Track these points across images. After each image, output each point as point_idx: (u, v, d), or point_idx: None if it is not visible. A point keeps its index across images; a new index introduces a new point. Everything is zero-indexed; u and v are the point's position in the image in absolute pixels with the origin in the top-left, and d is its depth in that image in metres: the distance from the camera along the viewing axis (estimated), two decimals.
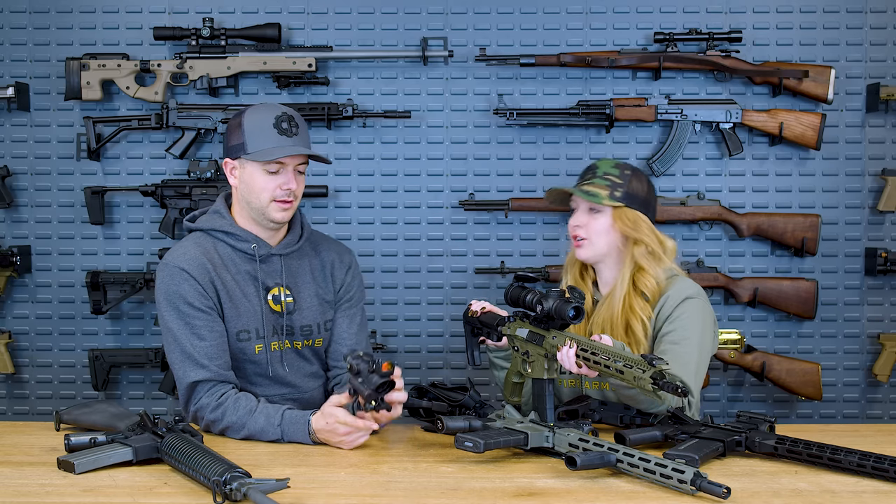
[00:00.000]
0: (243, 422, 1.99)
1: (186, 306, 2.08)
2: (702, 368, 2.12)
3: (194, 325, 2.08)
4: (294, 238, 2.24)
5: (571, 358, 1.88)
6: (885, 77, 3.18)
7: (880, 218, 3.21)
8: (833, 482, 1.61)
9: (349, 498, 1.56)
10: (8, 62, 3.22)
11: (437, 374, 3.23)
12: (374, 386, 1.81)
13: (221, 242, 2.17)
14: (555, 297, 1.92)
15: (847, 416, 3.24)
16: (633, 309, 2.13)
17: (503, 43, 3.20)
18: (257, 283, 2.16)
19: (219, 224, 2.18)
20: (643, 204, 2.19)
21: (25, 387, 3.26)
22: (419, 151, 3.22)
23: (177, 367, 2.09)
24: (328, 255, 2.31)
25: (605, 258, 2.21)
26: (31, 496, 1.56)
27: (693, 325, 2.11)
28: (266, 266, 2.18)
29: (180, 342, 2.08)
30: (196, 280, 2.09)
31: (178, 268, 2.10)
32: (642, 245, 2.16)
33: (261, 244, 2.17)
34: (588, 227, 2.18)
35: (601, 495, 1.56)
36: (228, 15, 3.20)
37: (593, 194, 2.16)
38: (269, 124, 2.09)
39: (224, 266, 2.14)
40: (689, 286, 2.18)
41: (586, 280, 2.27)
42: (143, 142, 3.22)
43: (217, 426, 2.03)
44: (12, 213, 3.23)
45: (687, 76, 3.19)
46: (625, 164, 2.23)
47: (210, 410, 2.03)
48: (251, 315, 2.15)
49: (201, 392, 2.06)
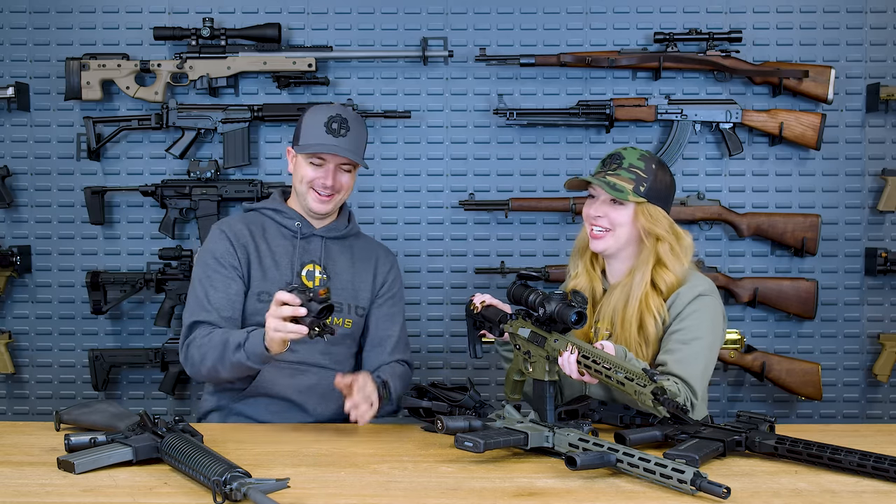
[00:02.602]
0: (224, 335, 2.10)
1: (213, 260, 2.25)
2: (709, 368, 2.10)
3: (213, 278, 2.23)
4: (340, 225, 2.38)
5: (573, 364, 1.87)
6: (885, 77, 3.18)
7: (880, 218, 3.21)
8: (833, 482, 1.61)
9: (349, 498, 1.56)
10: (8, 62, 3.22)
11: (437, 374, 3.23)
12: (315, 312, 1.87)
13: (269, 219, 2.35)
14: (557, 301, 1.92)
15: (847, 416, 3.24)
16: (648, 306, 2.09)
17: (503, 43, 3.20)
18: (293, 259, 2.29)
19: (270, 204, 2.37)
20: (665, 200, 2.15)
21: (25, 387, 3.26)
22: (419, 151, 3.22)
23: (185, 314, 2.24)
24: (373, 250, 2.45)
25: (619, 252, 2.17)
26: (31, 496, 1.56)
27: (703, 324, 2.09)
28: (306, 244, 2.32)
29: (195, 291, 2.25)
30: (230, 240, 2.27)
31: (219, 229, 2.31)
32: (666, 243, 2.12)
33: (305, 224, 2.33)
34: (609, 217, 2.14)
35: (601, 495, 1.56)
36: (228, 15, 3.20)
37: (619, 189, 2.11)
38: (321, 122, 2.25)
39: (263, 238, 2.31)
40: (701, 282, 2.15)
41: (596, 268, 2.24)
42: (143, 142, 3.22)
43: (202, 348, 2.13)
44: (12, 213, 3.23)
45: (687, 76, 3.19)
46: (651, 155, 2.17)
47: (202, 338, 2.16)
48: (276, 281, 2.26)
49: (198, 329, 2.20)
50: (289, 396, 2.26)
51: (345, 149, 2.23)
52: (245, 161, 3.13)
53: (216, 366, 2.11)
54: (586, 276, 2.24)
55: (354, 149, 2.26)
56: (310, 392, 2.27)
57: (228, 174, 3.19)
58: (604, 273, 2.25)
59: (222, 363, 2.09)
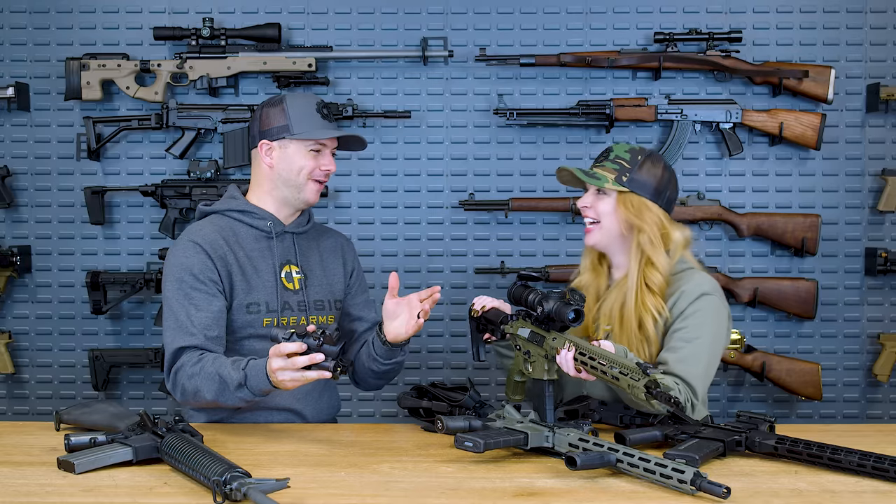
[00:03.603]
0: (215, 367, 1.99)
1: (190, 277, 2.11)
2: (711, 368, 2.10)
3: (193, 297, 2.10)
4: (304, 219, 2.32)
5: (570, 361, 1.88)
6: (885, 77, 3.18)
7: (880, 218, 3.21)
8: (833, 482, 1.61)
9: (349, 498, 1.56)
10: (8, 62, 3.22)
11: (437, 374, 3.23)
12: (334, 355, 1.82)
13: (237, 222, 2.24)
14: (555, 299, 1.92)
15: (847, 416, 3.24)
16: (645, 305, 2.10)
17: (503, 43, 3.20)
18: (272, 260, 2.22)
19: (234, 205, 2.25)
20: (654, 192, 2.15)
21: (25, 387, 3.26)
22: (419, 151, 3.22)
23: (167, 336, 2.11)
24: (335, 239, 2.41)
25: (610, 245, 2.19)
26: (31, 496, 1.56)
27: (706, 323, 2.09)
28: (279, 243, 2.25)
29: (175, 312, 2.10)
30: (207, 254, 2.14)
31: (192, 241, 2.15)
32: (645, 234, 2.13)
33: (276, 222, 2.24)
34: (595, 208, 2.17)
35: (601, 495, 1.56)
36: (228, 15, 3.20)
37: (598, 177, 2.14)
38: (312, 109, 2.21)
39: (238, 244, 2.20)
40: (705, 281, 2.14)
41: (603, 265, 2.26)
42: (143, 142, 3.22)
43: (194, 380, 2.02)
44: (12, 213, 3.23)
45: (687, 76, 3.19)
46: (641, 149, 2.18)
47: (191, 365, 2.04)
48: (262, 289, 2.19)
49: (185, 356, 2.07)
50: (288, 406, 2.21)
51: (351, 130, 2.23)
52: (245, 161, 3.13)
53: (216, 401, 2.02)
54: (592, 274, 2.27)
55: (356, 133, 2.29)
56: (307, 398, 2.24)
57: (228, 174, 3.19)
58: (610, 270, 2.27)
59: (224, 400, 2.00)
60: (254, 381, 1.93)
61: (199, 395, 2.03)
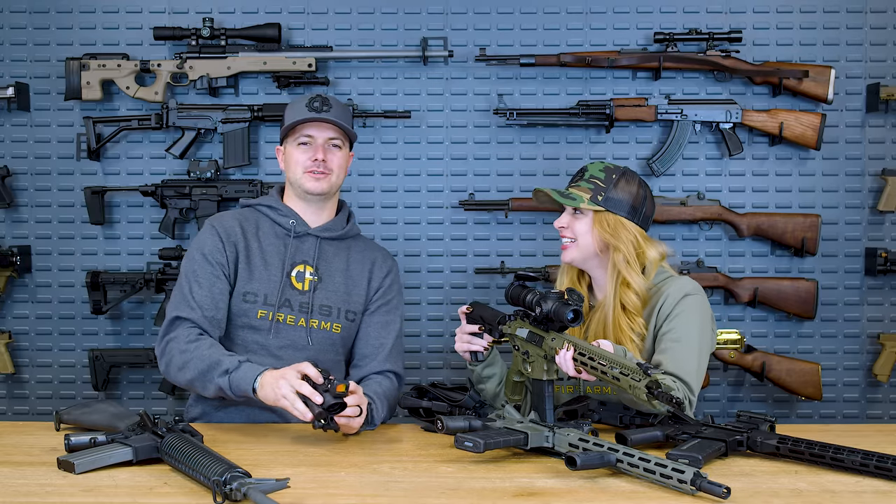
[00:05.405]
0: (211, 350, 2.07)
1: (200, 256, 2.23)
2: (703, 366, 2.12)
3: (198, 273, 2.21)
4: (336, 225, 2.34)
5: (569, 361, 1.88)
6: (885, 77, 3.18)
7: (880, 218, 3.21)
8: (833, 482, 1.61)
9: (349, 498, 1.56)
10: (8, 62, 3.22)
11: (437, 374, 3.23)
12: (327, 405, 1.84)
13: (264, 216, 2.32)
14: (554, 300, 1.92)
15: (847, 416, 3.24)
16: (622, 330, 2.13)
17: (503, 43, 3.20)
18: (283, 259, 2.26)
19: (266, 200, 2.35)
20: (630, 210, 2.16)
21: (25, 387, 3.26)
22: (419, 151, 3.22)
23: (170, 305, 2.21)
24: (370, 253, 2.39)
25: (587, 262, 2.21)
26: (31, 496, 1.56)
27: (692, 322, 2.11)
28: (299, 243, 2.29)
29: (181, 285, 2.22)
30: (219, 237, 2.24)
31: (210, 224, 2.29)
32: (620, 253, 2.15)
33: (300, 222, 2.30)
34: (571, 228, 2.19)
35: (601, 495, 1.56)
36: (228, 15, 3.20)
37: (574, 197, 2.17)
38: (302, 104, 2.26)
39: (255, 236, 2.28)
40: (686, 283, 2.18)
41: (582, 284, 2.27)
42: (143, 142, 3.22)
43: (185, 355, 2.08)
44: (12, 213, 3.23)
45: (687, 76, 3.19)
46: (616, 167, 2.20)
47: (185, 342, 2.11)
48: (266, 282, 2.24)
49: (181, 327, 2.15)
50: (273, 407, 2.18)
51: (330, 118, 2.22)
52: (245, 161, 3.13)
53: (195, 380, 2.07)
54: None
55: (342, 124, 2.25)
56: None
57: (228, 174, 3.19)
58: (591, 289, 2.28)
59: (202, 381, 2.05)
60: (240, 379, 1.99)
61: (184, 370, 2.09)
